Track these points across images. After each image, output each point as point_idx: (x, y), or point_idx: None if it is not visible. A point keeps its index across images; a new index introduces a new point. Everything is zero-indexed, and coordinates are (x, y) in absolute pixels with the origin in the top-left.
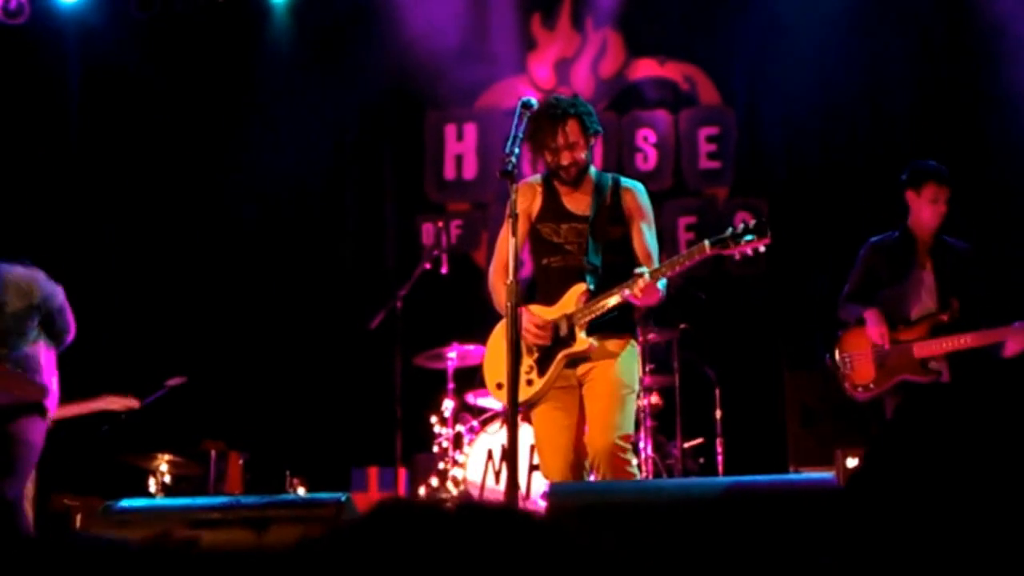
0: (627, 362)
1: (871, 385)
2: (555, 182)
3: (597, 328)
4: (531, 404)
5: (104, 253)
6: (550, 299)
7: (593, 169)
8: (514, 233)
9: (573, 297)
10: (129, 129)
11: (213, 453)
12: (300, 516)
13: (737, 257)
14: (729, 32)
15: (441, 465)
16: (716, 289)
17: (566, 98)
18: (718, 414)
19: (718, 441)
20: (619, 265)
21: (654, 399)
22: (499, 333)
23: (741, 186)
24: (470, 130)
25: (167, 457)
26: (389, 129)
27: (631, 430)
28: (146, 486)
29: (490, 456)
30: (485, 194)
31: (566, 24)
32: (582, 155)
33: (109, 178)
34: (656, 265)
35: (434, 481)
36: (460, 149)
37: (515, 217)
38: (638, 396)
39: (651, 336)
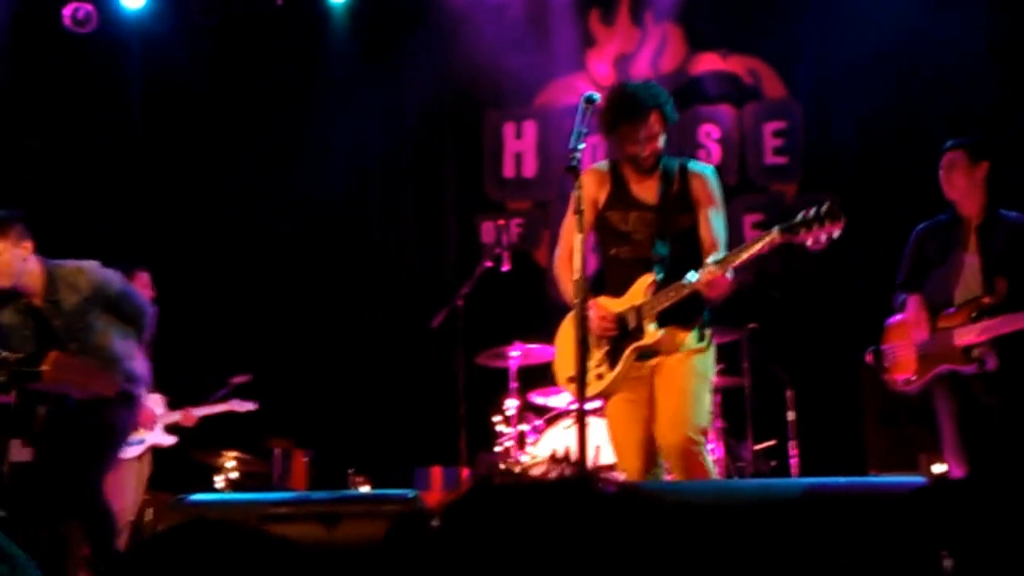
0: (701, 352)
1: (912, 377)
2: (623, 169)
3: (668, 319)
4: (603, 397)
5: (172, 253)
6: (618, 290)
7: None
8: (580, 230)
9: (641, 288)
10: (194, 132)
11: (278, 451)
12: (370, 512)
13: (810, 243)
14: (794, 22)
15: (504, 465)
16: (787, 287)
17: (645, 87)
18: (791, 416)
19: (791, 443)
20: (687, 255)
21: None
22: (567, 327)
23: (810, 181)
24: (529, 128)
25: (234, 454)
26: (449, 129)
27: (706, 423)
28: (213, 483)
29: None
30: (545, 192)
31: (625, 19)
32: (660, 145)
33: (175, 180)
34: (723, 253)
35: None
36: (520, 147)
37: (581, 213)
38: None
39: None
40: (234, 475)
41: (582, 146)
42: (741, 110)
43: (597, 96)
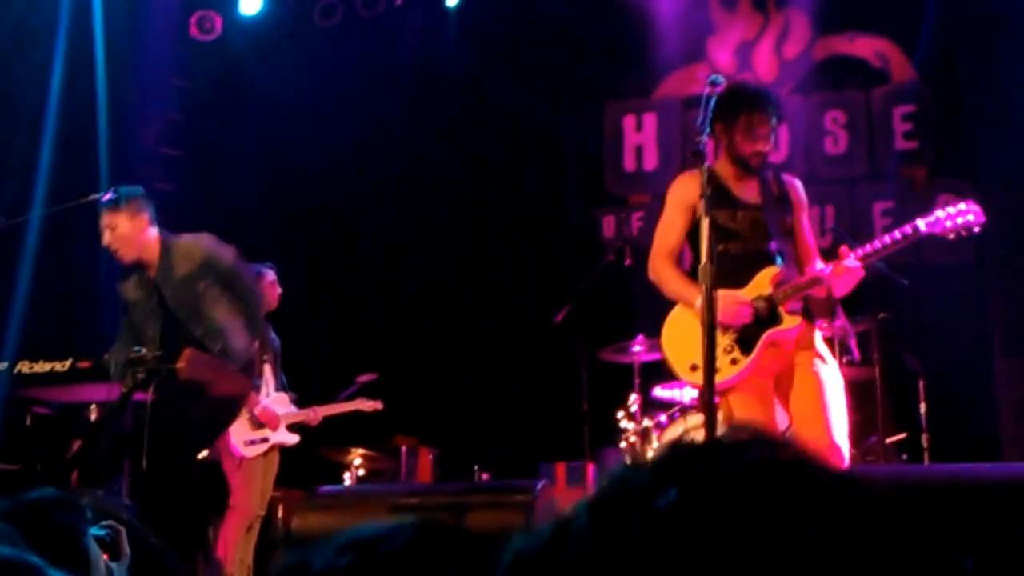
0: (828, 351)
1: None
2: (720, 171)
3: (801, 312)
4: (732, 385)
5: (300, 254)
6: (736, 283)
7: None
8: (707, 213)
9: (766, 279)
10: (319, 132)
11: (404, 448)
12: (497, 502)
13: (952, 236)
14: (924, 1)
15: (629, 461)
16: (918, 277)
17: (765, 89)
18: (922, 407)
19: (923, 436)
20: (791, 252)
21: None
22: (678, 319)
23: (943, 167)
24: (649, 120)
25: (361, 451)
26: (568, 122)
27: (846, 427)
28: (341, 479)
29: None
30: (666, 185)
31: (747, 6)
32: (771, 146)
33: (302, 182)
34: (864, 247)
35: None
36: (640, 140)
37: (708, 197)
38: None
39: (845, 325)
40: (361, 472)
41: (708, 129)
42: (869, 94)
43: (722, 79)
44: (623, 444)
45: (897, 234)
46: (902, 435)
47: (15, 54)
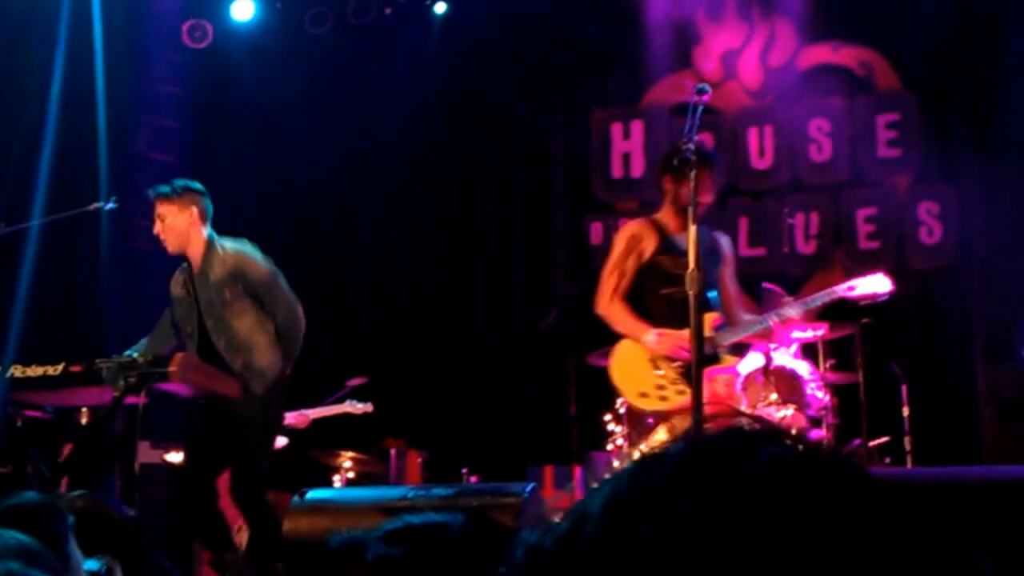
0: None
1: None
2: (664, 221)
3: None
4: (679, 410)
5: (289, 259)
6: (677, 325)
7: None
8: (695, 221)
9: (706, 324)
10: (309, 138)
11: (393, 451)
12: (488, 504)
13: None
14: (909, 11)
15: (616, 463)
16: (901, 282)
17: (710, 151)
18: (905, 411)
19: (906, 440)
20: (719, 300)
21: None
22: (627, 348)
23: (925, 175)
24: (637, 128)
25: (350, 454)
26: (556, 129)
27: None
28: (331, 482)
29: None
30: (653, 192)
31: (732, 15)
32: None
33: (293, 187)
34: (805, 301)
35: None
36: (627, 147)
37: (695, 204)
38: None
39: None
40: (351, 475)
41: (696, 137)
42: (853, 102)
43: (708, 87)
44: (610, 447)
45: (825, 295)
46: (885, 439)
47: (14, 58)
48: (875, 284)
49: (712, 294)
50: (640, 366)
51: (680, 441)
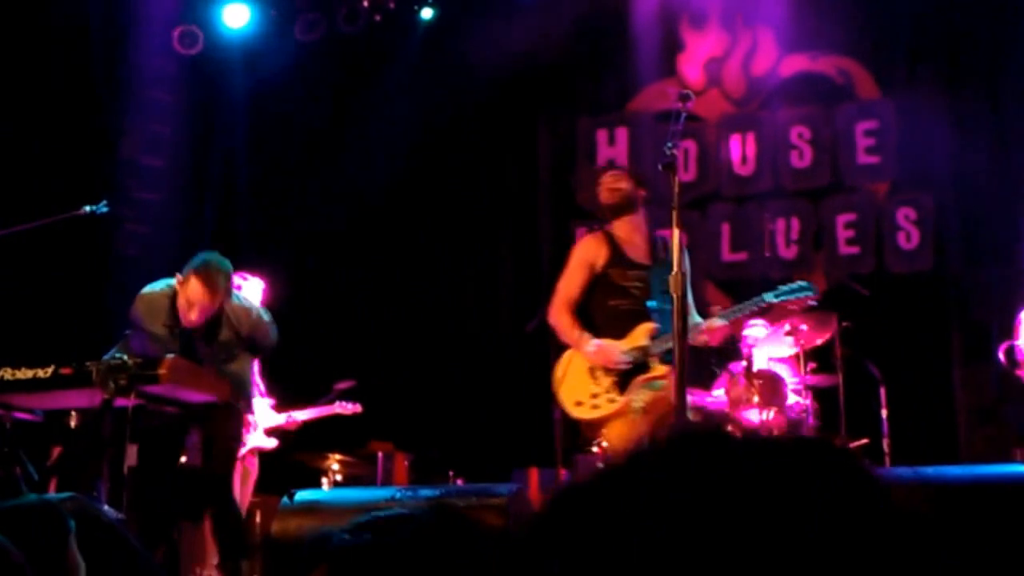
0: None
1: None
2: (617, 233)
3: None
4: (611, 417)
5: (278, 260)
6: (618, 335)
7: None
8: (679, 225)
9: (642, 333)
10: (300, 144)
11: (380, 454)
12: (475, 505)
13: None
14: (886, 20)
15: (601, 466)
16: (879, 286)
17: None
18: (884, 413)
19: (884, 442)
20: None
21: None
22: (570, 359)
23: (904, 181)
24: (621, 134)
25: (338, 457)
26: (542, 136)
27: None
28: (319, 485)
29: None
30: None
31: (715, 24)
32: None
33: (277, 195)
34: (730, 310)
35: None
36: (612, 153)
37: (678, 209)
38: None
39: (809, 332)
40: (339, 477)
41: (677, 142)
42: (832, 111)
43: (692, 95)
44: (595, 450)
45: (751, 304)
46: (864, 440)
47: (5, 64)
48: (799, 290)
49: (652, 303)
50: (579, 376)
51: (656, 442)
